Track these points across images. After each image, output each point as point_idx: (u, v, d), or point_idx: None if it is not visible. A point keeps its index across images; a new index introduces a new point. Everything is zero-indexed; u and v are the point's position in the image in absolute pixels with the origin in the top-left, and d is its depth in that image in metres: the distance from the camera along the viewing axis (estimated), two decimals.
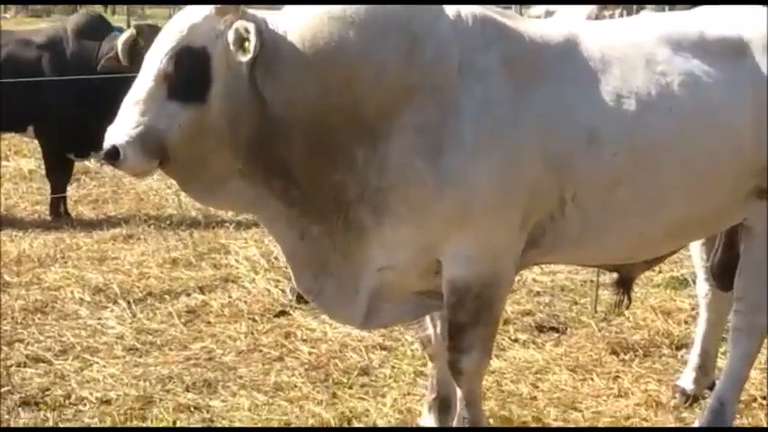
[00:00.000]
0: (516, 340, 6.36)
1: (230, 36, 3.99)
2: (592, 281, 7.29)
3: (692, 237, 4.92)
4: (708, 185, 4.48)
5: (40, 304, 6.79)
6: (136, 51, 7.50)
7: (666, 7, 17.95)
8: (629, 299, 5.21)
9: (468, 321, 4.37)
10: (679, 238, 4.79)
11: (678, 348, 6.14)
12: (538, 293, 7.30)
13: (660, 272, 7.56)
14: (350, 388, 5.58)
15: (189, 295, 7.06)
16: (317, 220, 4.31)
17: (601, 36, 4.51)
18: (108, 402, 5.35)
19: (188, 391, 5.49)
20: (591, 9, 25.34)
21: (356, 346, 6.13)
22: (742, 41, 4.54)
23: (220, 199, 4.42)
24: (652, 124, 4.35)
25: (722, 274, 5.02)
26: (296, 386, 5.58)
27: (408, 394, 5.48)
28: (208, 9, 4.08)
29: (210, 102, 4.05)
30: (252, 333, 6.38)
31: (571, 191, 4.32)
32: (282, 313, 6.72)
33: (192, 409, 5.28)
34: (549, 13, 26.52)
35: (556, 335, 6.48)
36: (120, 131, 4.03)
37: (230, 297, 7.01)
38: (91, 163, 10.66)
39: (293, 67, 4.09)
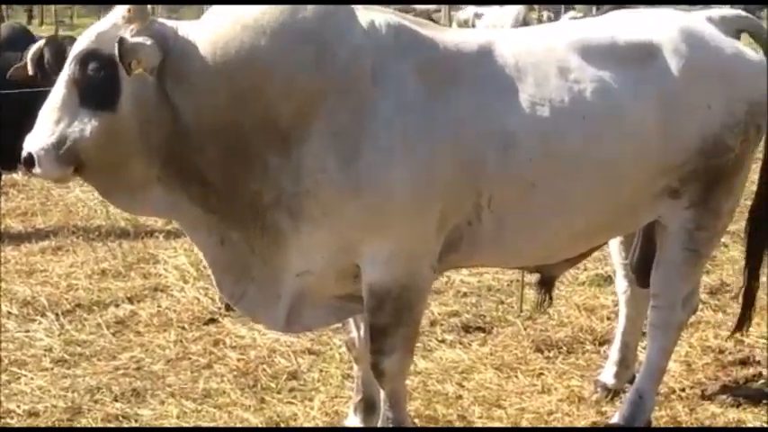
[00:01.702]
0: (443, 341, 6.43)
1: (123, 47, 4.03)
2: (518, 280, 7.37)
3: (608, 236, 5.04)
4: (619, 187, 4.61)
5: None
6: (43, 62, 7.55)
7: (594, 8, 18.20)
8: (551, 298, 5.33)
9: (389, 324, 4.45)
10: (595, 238, 4.90)
11: (601, 344, 6.25)
12: (465, 294, 7.38)
13: (585, 270, 7.69)
14: (278, 393, 5.62)
15: (118, 306, 7.06)
16: (236, 226, 4.38)
17: (515, 43, 4.61)
18: (36, 414, 5.35)
19: (116, 401, 5.51)
20: (518, 10, 25.67)
21: (285, 351, 6.17)
22: (652, 45, 4.66)
23: (141, 206, 4.48)
24: (566, 130, 4.46)
25: (640, 271, 5.15)
26: (224, 392, 5.62)
27: (336, 397, 5.54)
28: (117, 17, 4.18)
29: (121, 109, 4.13)
30: (181, 341, 6.40)
31: (487, 196, 4.41)
32: (212, 321, 6.74)
33: (120, 418, 5.31)
34: (477, 15, 26.83)
35: (482, 334, 6.56)
36: (35, 139, 4.13)
37: (159, 306, 7.02)
38: (19, 176, 10.61)
39: (203, 75, 4.17)
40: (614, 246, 5.46)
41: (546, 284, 5.25)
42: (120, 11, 4.18)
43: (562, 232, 4.65)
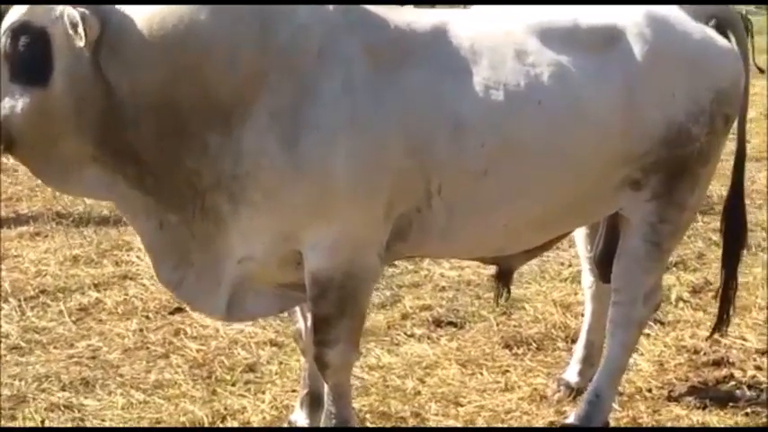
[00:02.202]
0: (412, 335, 6.24)
1: (65, 20, 3.87)
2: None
3: (566, 227, 4.82)
4: (577, 176, 4.41)
5: None
6: None
7: None
8: (509, 291, 5.13)
9: (333, 314, 4.27)
10: (553, 229, 4.69)
11: (573, 342, 6.01)
12: (443, 288, 7.17)
13: (570, 266, 7.48)
14: (232, 385, 5.45)
15: (83, 293, 6.88)
16: (175, 209, 4.20)
17: (471, 25, 4.41)
18: None
19: (63, 390, 5.34)
20: None
21: (246, 342, 6.00)
22: (615, 29, 4.46)
23: (76, 186, 4.29)
24: (520, 116, 4.26)
25: (603, 265, 4.93)
26: (176, 384, 5.44)
27: (293, 391, 5.32)
28: None
29: (53, 85, 3.93)
30: (141, 330, 6.23)
31: (436, 182, 4.22)
32: (178, 310, 6.52)
33: (62, 407, 5.13)
34: None
35: (453, 329, 6.36)
36: None
37: (126, 294, 6.85)
38: (9, 160, 10.45)
39: (140, 50, 3.97)
40: (580, 238, 5.26)
41: (503, 277, 5.05)
42: None
43: (516, 222, 4.45)
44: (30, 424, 4.99)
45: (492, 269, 7.03)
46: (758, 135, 12.48)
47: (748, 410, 5.16)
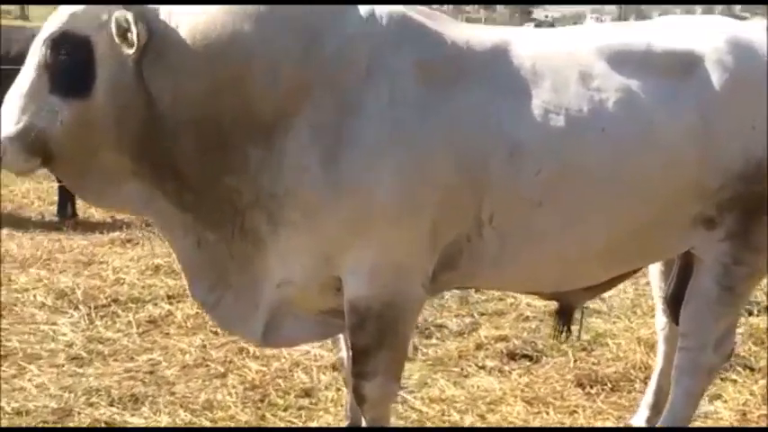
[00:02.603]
0: (482, 367, 5.95)
1: (112, 26, 3.70)
2: (587, 307, 6.85)
3: (631, 264, 4.44)
4: (642, 212, 4.07)
5: None
6: None
7: None
8: (570, 329, 4.78)
9: (371, 345, 4.02)
10: (614, 266, 4.34)
11: None
12: (526, 318, 6.87)
13: None
14: (284, 410, 5.23)
15: (156, 304, 6.78)
16: (213, 227, 4.00)
17: (535, 44, 4.12)
18: (23, 413, 5.09)
19: (111, 406, 5.20)
20: None
21: (308, 365, 5.79)
22: (693, 56, 4.11)
23: (113, 200, 4.11)
24: (582, 144, 3.95)
25: (675, 306, 4.55)
26: (226, 405, 5.25)
27: (344, 420, 5.10)
28: None
29: (95, 95, 3.75)
30: (204, 347, 6.07)
31: (488, 209, 3.94)
32: None
33: (104, 423, 4.99)
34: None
35: (527, 363, 6.05)
36: (1, 127, 3.76)
37: (198, 308, 6.70)
38: None
39: (183, 61, 3.78)
40: (654, 275, 4.90)
41: (563, 314, 4.71)
42: None
43: (574, 257, 4.13)
44: None
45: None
46: None
47: None
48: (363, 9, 3.96)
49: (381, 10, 3.98)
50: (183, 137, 3.83)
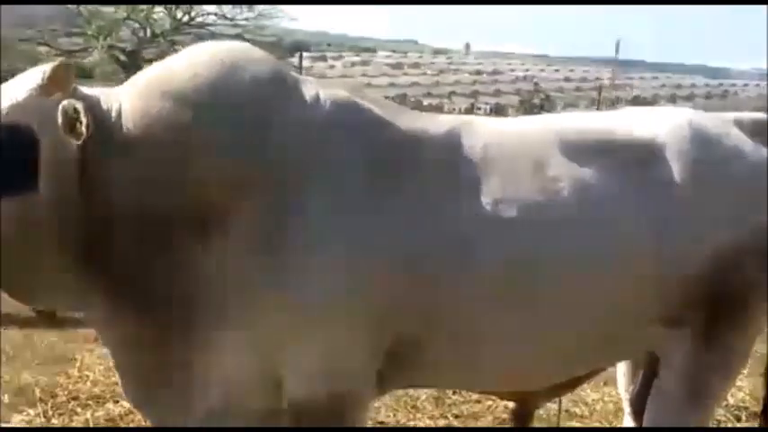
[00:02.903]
0: None
1: (59, 117, 3.45)
2: (566, 411, 6.61)
3: (590, 365, 4.22)
4: (598, 309, 3.86)
5: None
6: None
7: None
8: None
9: None
10: (572, 366, 4.13)
11: None
12: (503, 421, 6.59)
13: None
14: None
15: (117, 402, 6.52)
16: (151, 324, 3.76)
17: (487, 133, 3.95)
18: None
19: None
20: None
21: None
22: (654, 145, 3.93)
23: (45, 297, 3.87)
24: (535, 238, 3.77)
25: (641, 411, 4.31)
26: None
27: None
28: (32, 85, 3.54)
29: (36, 191, 3.48)
30: None
31: (438, 311, 3.75)
32: None
33: None
34: (468, 47, 25.63)
35: None
36: None
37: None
38: None
39: (125, 152, 3.58)
40: (620, 375, 4.64)
41: (521, 416, 4.46)
42: (34, 77, 3.56)
43: (528, 358, 3.91)
44: None
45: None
46: None
47: None
48: (309, 94, 3.79)
49: (327, 95, 3.81)
50: (125, 233, 3.62)
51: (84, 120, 3.47)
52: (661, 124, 4.01)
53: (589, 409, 6.92)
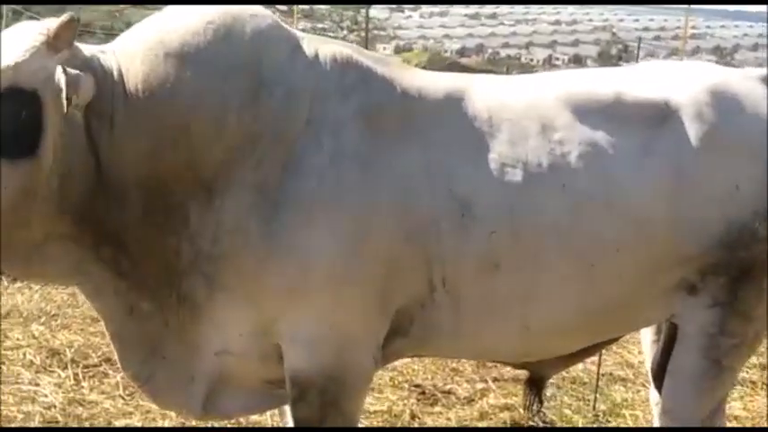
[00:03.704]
0: None
1: (62, 79, 3.26)
2: (609, 374, 6.42)
3: (604, 334, 4.01)
4: (607, 275, 3.66)
5: None
6: None
7: None
8: (541, 401, 4.35)
9: (313, 419, 3.69)
10: (585, 336, 3.93)
11: None
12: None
13: None
14: None
15: None
16: (148, 294, 3.65)
17: (493, 92, 3.76)
18: None
19: None
20: None
21: None
22: (668, 107, 3.71)
23: (37, 269, 3.63)
24: (539, 201, 3.59)
25: (661, 380, 4.11)
26: None
27: None
28: (34, 42, 3.34)
29: (41, 156, 3.31)
30: None
31: (440, 273, 3.58)
32: None
33: None
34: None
35: None
36: None
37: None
38: None
39: (125, 114, 3.44)
40: (646, 344, 4.44)
41: (534, 385, 4.27)
42: (37, 35, 3.36)
43: (536, 326, 3.72)
44: None
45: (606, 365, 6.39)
46: None
47: None
48: (309, 49, 3.64)
49: (326, 51, 3.66)
50: (128, 199, 3.49)
51: (83, 84, 3.32)
52: (678, 84, 3.78)
53: (634, 371, 6.72)
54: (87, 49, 3.54)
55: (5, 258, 3.51)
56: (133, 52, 3.53)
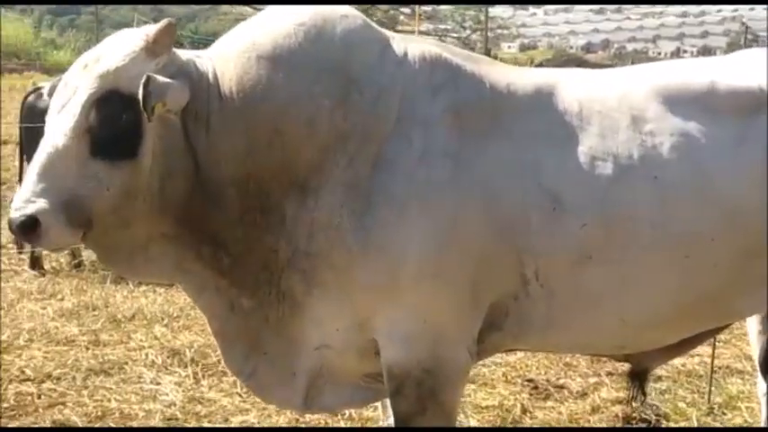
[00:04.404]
0: None
1: (145, 89, 3.35)
2: (726, 367, 6.35)
3: (698, 324, 3.95)
4: (702, 266, 3.64)
5: (109, 365, 6.53)
6: None
7: None
8: (645, 393, 4.33)
9: (412, 413, 3.74)
10: (684, 328, 3.90)
11: None
12: (659, 378, 6.37)
13: None
14: None
15: None
16: (249, 291, 3.76)
17: (584, 86, 3.79)
18: None
19: None
20: None
21: None
22: (762, 95, 3.69)
23: (141, 268, 3.78)
24: (630, 193, 3.60)
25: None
26: None
27: None
28: (134, 47, 3.50)
29: (141, 159, 3.46)
30: None
31: (533, 266, 3.62)
32: None
33: None
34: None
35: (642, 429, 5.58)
36: (35, 199, 3.38)
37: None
38: None
39: (221, 116, 3.57)
40: (752, 333, 4.39)
41: (636, 377, 4.26)
42: (137, 40, 3.51)
43: (631, 318, 3.72)
44: None
45: (720, 359, 6.31)
46: None
47: None
48: (398, 49, 3.71)
49: (415, 50, 3.72)
50: (226, 200, 3.61)
51: (170, 95, 3.42)
52: None
53: (752, 364, 6.60)
54: (185, 54, 3.67)
55: (110, 257, 3.75)
56: (227, 56, 3.64)
